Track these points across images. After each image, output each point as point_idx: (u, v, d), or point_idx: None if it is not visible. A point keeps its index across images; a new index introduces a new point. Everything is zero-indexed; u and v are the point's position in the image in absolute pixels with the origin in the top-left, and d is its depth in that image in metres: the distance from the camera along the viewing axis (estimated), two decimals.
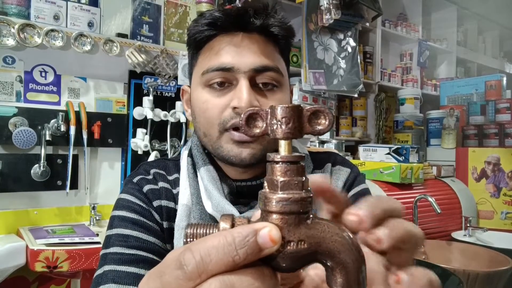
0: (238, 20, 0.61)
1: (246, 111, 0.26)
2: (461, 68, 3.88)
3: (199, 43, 0.64)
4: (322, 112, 0.25)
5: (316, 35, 2.38)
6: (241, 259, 0.21)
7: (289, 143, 0.25)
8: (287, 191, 0.24)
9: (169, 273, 0.22)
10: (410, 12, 3.36)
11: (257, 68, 0.60)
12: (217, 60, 0.61)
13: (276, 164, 0.24)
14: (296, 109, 0.24)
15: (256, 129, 0.26)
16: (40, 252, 1.29)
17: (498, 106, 2.44)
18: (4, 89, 1.56)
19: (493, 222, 2.15)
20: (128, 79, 1.87)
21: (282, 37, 0.64)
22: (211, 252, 0.21)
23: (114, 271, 0.56)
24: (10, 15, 1.58)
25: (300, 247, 0.23)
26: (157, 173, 0.69)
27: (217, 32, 0.62)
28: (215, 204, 0.62)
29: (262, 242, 0.22)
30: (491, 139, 2.39)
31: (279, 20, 0.63)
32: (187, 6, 2.08)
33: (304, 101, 2.35)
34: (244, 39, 0.61)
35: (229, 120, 0.60)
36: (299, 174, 0.24)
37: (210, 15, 0.62)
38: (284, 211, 0.23)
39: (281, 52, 0.66)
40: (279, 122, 0.24)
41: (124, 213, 0.63)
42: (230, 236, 0.22)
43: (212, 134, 0.62)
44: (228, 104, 0.60)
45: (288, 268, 0.23)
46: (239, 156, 0.60)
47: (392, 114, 3.05)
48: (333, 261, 0.24)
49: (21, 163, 1.57)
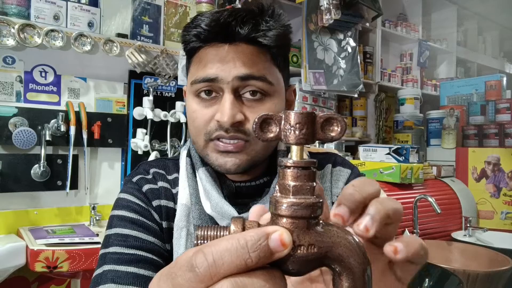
0: (223, 31, 0.60)
1: (260, 116, 0.26)
2: (461, 68, 3.88)
3: (189, 52, 0.65)
4: (335, 119, 0.26)
5: (316, 35, 2.38)
6: (253, 262, 0.22)
7: (301, 148, 0.25)
8: (299, 196, 0.24)
9: (181, 275, 0.22)
10: (410, 12, 3.36)
11: (241, 76, 0.59)
12: (203, 72, 0.61)
13: (288, 169, 0.25)
14: (310, 116, 0.25)
15: (269, 133, 0.26)
16: (40, 252, 1.29)
17: (498, 106, 2.44)
18: (4, 89, 1.56)
19: (493, 222, 2.15)
20: (128, 79, 1.87)
21: (273, 46, 0.62)
22: (224, 254, 0.21)
23: (114, 271, 0.56)
24: (10, 15, 1.58)
25: (310, 252, 0.23)
26: (157, 172, 0.69)
27: (202, 44, 0.62)
28: (214, 205, 0.62)
29: (274, 246, 0.22)
30: (491, 139, 2.39)
31: (271, 26, 0.61)
32: (187, 6, 2.08)
33: (304, 101, 2.35)
34: (229, 51, 0.60)
35: (214, 132, 0.60)
36: (310, 179, 0.25)
37: (194, 27, 0.61)
38: (296, 216, 0.24)
39: (273, 59, 0.63)
40: (292, 128, 0.25)
41: (124, 212, 0.63)
42: (242, 239, 0.22)
43: (199, 142, 0.63)
44: (213, 116, 0.61)
45: (297, 271, 0.24)
46: (224, 166, 0.61)
47: (392, 114, 3.05)
48: (341, 266, 0.24)
49: (21, 163, 1.57)
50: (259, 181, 0.66)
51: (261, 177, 0.67)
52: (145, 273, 0.57)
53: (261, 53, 0.62)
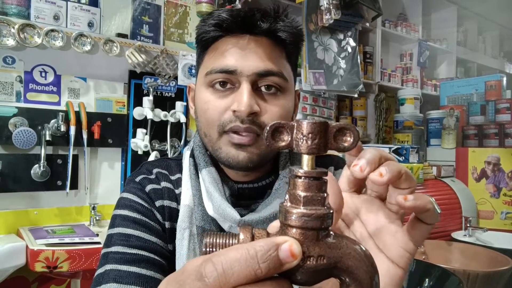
0: (245, 22, 0.60)
1: (272, 124, 0.25)
2: (461, 68, 3.88)
3: (205, 43, 0.64)
4: (348, 129, 0.25)
5: (316, 35, 2.38)
6: (263, 273, 0.21)
7: (313, 158, 0.25)
8: (310, 207, 0.24)
9: (189, 284, 0.22)
10: (410, 12, 3.36)
11: (260, 72, 0.60)
12: (221, 62, 0.60)
13: (299, 178, 0.24)
14: (323, 126, 0.25)
15: (281, 142, 0.26)
16: (40, 252, 1.29)
17: (498, 106, 2.44)
18: (4, 89, 1.56)
19: (493, 222, 2.15)
20: (128, 79, 1.87)
21: (289, 42, 0.63)
22: (234, 265, 0.21)
23: (116, 270, 0.56)
24: (10, 15, 1.58)
25: (319, 263, 0.23)
26: (160, 172, 0.69)
27: (223, 33, 0.62)
28: (216, 207, 0.62)
29: (283, 257, 0.22)
30: (491, 139, 2.39)
31: (288, 24, 0.62)
32: (187, 6, 2.08)
33: (304, 101, 2.35)
34: (250, 42, 0.61)
35: (228, 123, 0.60)
36: (321, 190, 0.24)
37: (217, 16, 0.62)
38: (306, 227, 0.23)
39: (288, 56, 0.65)
40: (304, 137, 0.24)
41: (126, 212, 0.62)
42: (252, 250, 0.21)
43: (212, 135, 0.62)
44: (228, 106, 0.60)
45: (305, 282, 0.24)
46: (236, 159, 0.60)
47: (392, 114, 3.05)
48: (350, 277, 0.24)
49: (21, 163, 1.57)
50: (261, 183, 0.66)
51: (264, 178, 0.67)
52: (147, 273, 0.56)
53: (279, 48, 0.63)
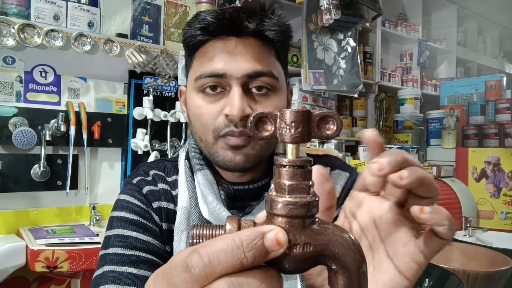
0: (231, 25, 0.60)
1: (256, 114, 0.26)
2: (461, 68, 3.88)
3: (192, 47, 0.64)
4: (331, 117, 0.25)
5: (316, 35, 2.38)
6: (249, 262, 0.21)
7: (297, 147, 0.25)
8: (295, 195, 0.24)
9: (176, 276, 0.22)
10: (410, 12, 3.36)
11: (250, 74, 0.60)
12: (210, 66, 0.60)
13: (284, 167, 0.24)
14: (305, 114, 0.25)
15: (264, 132, 0.26)
16: (40, 252, 1.29)
17: (498, 106, 2.44)
18: (4, 89, 1.56)
19: (493, 222, 2.15)
20: (128, 79, 1.87)
21: (277, 40, 0.63)
22: (220, 255, 0.21)
23: (114, 271, 0.56)
24: (10, 15, 1.58)
25: (305, 250, 0.23)
26: (157, 174, 0.69)
27: (209, 37, 0.62)
28: (211, 210, 0.62)
29: (269, 245, 0.22)
30: (491, 139, 2.39)
31: (275, 22, 0.62)
32: (187, 6, 2.08)
33: (304, 101, 2.35)
34: (237, 44, 0.60)
35: (223, 128, 0.60)
36: (306, 178, 0.24)
37: (202, 19, 0.61)
38: (292, 215, 0.23)
39: (277, 55, 0.65)
40: (288, 126, 0.24)
41: (124, 214, 0.63)
42: (238, 239, 0.22)
43: (208, 139, 0.62)
44: (221, 110, 0.60)
45: (292, 270, 0.24)
46: (233, 161, 0.61)
47: (392, 114, 3.05)
48: (337, 264, 0.24)
49: (21, 163, 1.57)
50: (257, 184, 0.66)
51: (259, 180, 0.67)
52: (145, 274, 0.57)
53: (267, 48, 0.63)
